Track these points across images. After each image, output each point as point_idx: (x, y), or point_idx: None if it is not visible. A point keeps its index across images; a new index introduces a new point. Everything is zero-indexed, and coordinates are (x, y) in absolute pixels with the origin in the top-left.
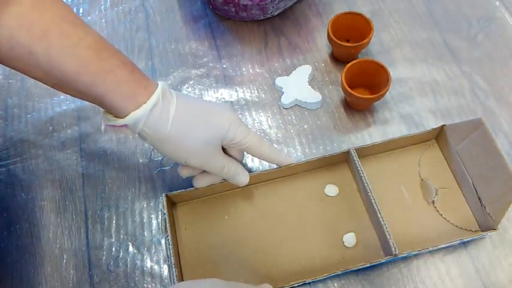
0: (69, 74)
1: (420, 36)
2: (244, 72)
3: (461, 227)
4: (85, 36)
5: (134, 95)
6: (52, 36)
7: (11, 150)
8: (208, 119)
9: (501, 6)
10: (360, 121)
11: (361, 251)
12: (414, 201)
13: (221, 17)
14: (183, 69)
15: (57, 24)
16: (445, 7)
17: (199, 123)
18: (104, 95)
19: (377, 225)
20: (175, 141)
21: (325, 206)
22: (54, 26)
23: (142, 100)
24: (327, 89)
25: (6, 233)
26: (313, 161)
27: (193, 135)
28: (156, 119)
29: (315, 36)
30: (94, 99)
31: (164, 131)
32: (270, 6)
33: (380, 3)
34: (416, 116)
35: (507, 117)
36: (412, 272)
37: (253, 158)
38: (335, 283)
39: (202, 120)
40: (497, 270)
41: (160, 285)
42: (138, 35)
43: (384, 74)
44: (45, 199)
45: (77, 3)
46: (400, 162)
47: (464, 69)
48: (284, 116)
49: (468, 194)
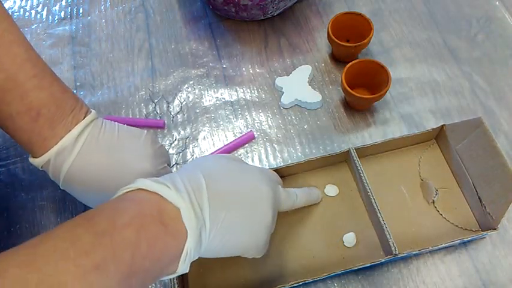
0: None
1: (420, 36)
2: (244, 72)
3: (461, 226)
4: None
5: (32, 146)
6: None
7: (11, 150)
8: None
9: (501, 6)
10: (360, 121)
11: (361, 250)
12: (414, 201)
13: (221, 17)
14: (183, 69)
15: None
16: (445, 7)
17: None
18: (12, 137)
19: (377, 225)
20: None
21: (325, 206)
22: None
23: (39, 152)
24: (327, 89)
25: (6, 233)
26: (313, 161)
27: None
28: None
29: (315, 36)
30: None
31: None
32: (270, 6)
33: (380, 3)
34: (416, 116)
35: (507, 117)
36: (412, 271)
37: (253, 158)
38: (335, 283)
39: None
40: (497, 270)
41: (160, 284)
42: (138, 35)
43: (383, 74)
44: (45, 199)
45: (77, 3)
46: (400, 162)
47: (464, 69)
48: (284, 116)
49: (468, 194)
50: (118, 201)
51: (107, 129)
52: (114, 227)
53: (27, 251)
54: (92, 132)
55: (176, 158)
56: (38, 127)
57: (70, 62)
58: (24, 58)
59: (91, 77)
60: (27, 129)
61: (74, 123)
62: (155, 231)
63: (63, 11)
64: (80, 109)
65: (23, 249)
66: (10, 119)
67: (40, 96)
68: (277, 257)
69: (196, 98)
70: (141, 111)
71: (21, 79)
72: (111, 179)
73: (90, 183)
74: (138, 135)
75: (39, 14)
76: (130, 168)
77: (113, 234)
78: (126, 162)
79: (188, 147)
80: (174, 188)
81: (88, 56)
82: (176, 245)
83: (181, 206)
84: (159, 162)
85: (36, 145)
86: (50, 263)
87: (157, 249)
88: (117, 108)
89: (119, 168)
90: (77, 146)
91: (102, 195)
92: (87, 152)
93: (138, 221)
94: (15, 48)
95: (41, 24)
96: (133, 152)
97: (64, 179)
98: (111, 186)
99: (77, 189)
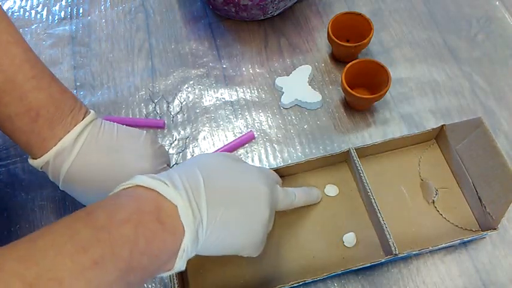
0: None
1: (420, 36)
2: (244, 72)
3: (461, 226)
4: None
5: (31, 147)
6: None
7: (11, 150)
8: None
9: (501, 6)
10: (360, 121)
11: (361, 250)
12: (414, 201)
13: (221, 17)
14: (183, 69)
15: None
16: (445, 7)
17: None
18: (11, 138)
19: (377, 225)
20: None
21: (325, 206)
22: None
23: (38, 154)
24: (327, 89)
25: (6, 233)
26: (313, 161)
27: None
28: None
29: (315, 36)
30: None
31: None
32: (270, 6)
33: (380, 3)
34: (416, 116)
35: (507, 117)
36: (412, 271)
37: (253, 158)
38: (335, 283)
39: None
40: (497, 270)
41: (160, 284)
42: (138, 35)
43: (384, 74)
44: (45, 199)
45: (77, 3)
46: (400, 162)
47: (464, 69)
48: (284, 116)
49: (468, 194)
50: (116, 197)
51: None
52: (112, 223)
53: (26, 245)
54: (91, 133)
55: (176, 158)
56: (37, 128)
57: (70, 62)
58: (22, 59)
59: (91, 77)
60: (26, 130)
61: (73, 123)
62: (153, 228)
63: (63, 11)
64: (79, 110)
65: (21, 243)
66: (9, 120)
67: (39, 97)
68: (277, 257)
69: (196, 98)
70: (141, 111)
71: (20, 80)
72: (111, 179)
73: (89, 183)
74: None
75: (39, 14)
76: (129, 169)
77: (111, 230)
78: (125, 163)
79: (188, 147)
80: (172, 185)
81: (88, 56)
82: (173, 242)
83: (179, 204)
84: (158, 162)
85: (35, 146)
86: (48, 258)
87: (155, 246)
88: (117, 108)
89: (119, 169)
90: (76, 147)
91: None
92: (86, 152)
93: (136, 218)
94: (14, 49)
95: (41, 24)
96: (132, 152)
97: (63, 179)
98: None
99: (77, 190)
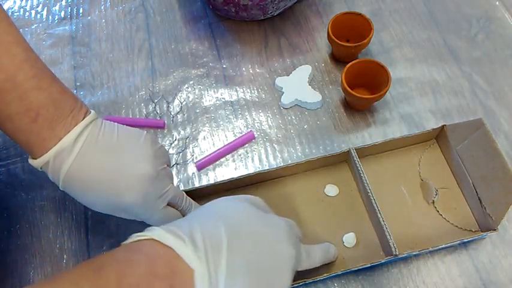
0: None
1: (420, 36)
2: (244, 72)
3: (461, 227)
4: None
5: (31, 146)
6: None
7: (11, 150)
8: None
9: (501, 6)
10: (360, 121)
11: (361, 251)
12: (414, 201)
13: (221, 17)
14: (183, 69)
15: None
16: (445, 7)
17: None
18: (11, 137)
19: (377, 225)
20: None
21: (325, 206)
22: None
23: (38, 153)
24: (327, 89)
25: (6, 233)
26: (313, 161)
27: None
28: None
29: (315, 36)
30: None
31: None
32: (270, 6)
33: (380, 3)
34: (416, 116)
35: (507, 117)
36: (412, 272)
37: (253, 158)
38: (335, 283)
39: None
40: (497, 270)
41: None
42: (138, 35)
43: (384, 74)
44: (45, 199)
45: (77, 3)
46: (400, 162)
47: (464, 69)
48: (284, 116)
49: (468, 194)
50: (129, 251)
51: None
52: (120, 287)
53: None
54: (91, 133)
55: (176, 158)
56: (37, 128)
57: (70, 62)
58: (23, 59)
59: (91, 77)
60: (26, 130)
61: (73, 123)
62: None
63: (63, 11)
64: (79, 110)
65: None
66: (9, 119)
67: (39, 97)
68: None
69: (196, 98)
70: (141, 111)
71: (20, 80)
72: (111, 179)
73: (89, 184)
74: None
75: (39, 14)
76: (130, 169)
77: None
78: (125, 163)
79: (188, 147)
80: (191, 244)
81: (88, 56)
82: (40, 145)
83: (196, 268)
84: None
85: (35, 146)
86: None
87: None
88: (117, 108)
89: (119, 169)
90: (77, 147)
91: (102, 196)
92: (86, 152)
93: (147, 283)
94: (14, 48)
95: (41, 24)
96: (133, 152)
97: (63, 179)
98: (111, 186)
99: (77, 190)
